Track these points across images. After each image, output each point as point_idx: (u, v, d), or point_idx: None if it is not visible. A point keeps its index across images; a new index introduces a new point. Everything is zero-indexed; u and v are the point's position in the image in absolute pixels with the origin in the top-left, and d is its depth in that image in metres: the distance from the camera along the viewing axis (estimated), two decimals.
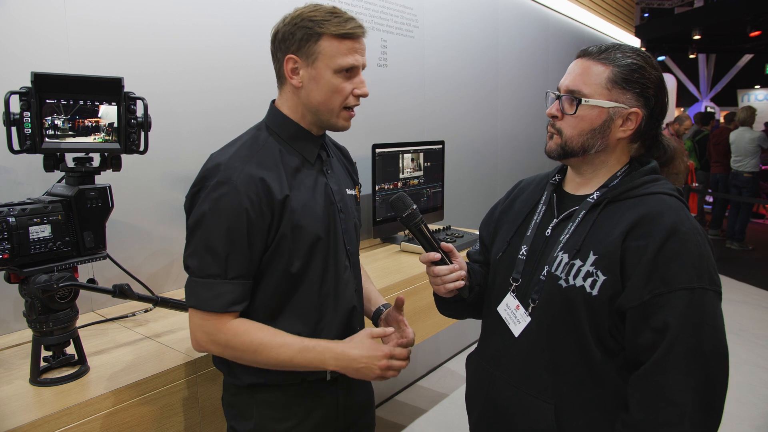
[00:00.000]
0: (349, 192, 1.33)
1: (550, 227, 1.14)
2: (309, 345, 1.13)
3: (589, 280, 1.02)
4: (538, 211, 1.19)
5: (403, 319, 1.30)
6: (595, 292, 1.01)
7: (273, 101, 1.26)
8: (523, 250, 1.16)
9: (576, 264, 1.04)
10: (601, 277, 1.01)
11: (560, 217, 1.14)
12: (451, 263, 1.19)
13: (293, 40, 1.14)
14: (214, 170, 1.11)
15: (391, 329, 1.22)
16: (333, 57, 1.13)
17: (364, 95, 1.19)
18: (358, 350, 1.15)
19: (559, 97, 1.10)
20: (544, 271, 1.10)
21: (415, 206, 1.19)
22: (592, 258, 1.03)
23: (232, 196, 1.08)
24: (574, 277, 1.04)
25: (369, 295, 1.43)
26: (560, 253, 1.08)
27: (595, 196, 1.09)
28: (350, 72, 1.16)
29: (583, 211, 1.09)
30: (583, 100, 1.06)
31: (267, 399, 1.21)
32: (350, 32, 1.13)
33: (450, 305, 1.30)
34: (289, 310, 1.19)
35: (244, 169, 1.11)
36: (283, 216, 1.13)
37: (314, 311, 1.21)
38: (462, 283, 1.18)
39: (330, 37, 1.12)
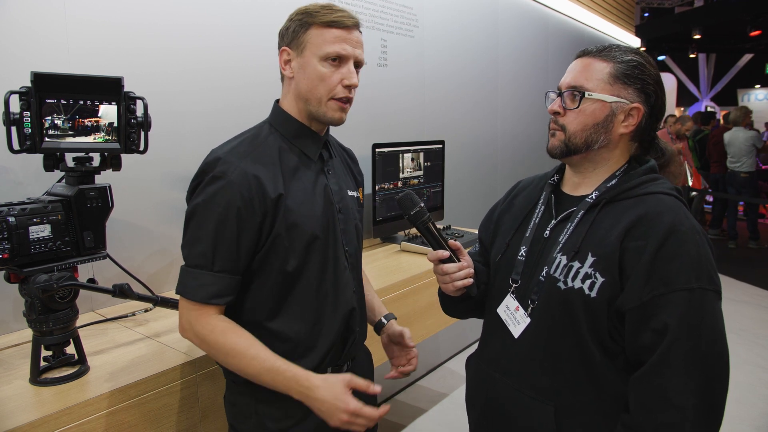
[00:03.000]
0: (350, 193, 1.33)
1: (548, 228, 1.14)
2: (280, 368, 1.10)
3: (588, 282, 1.02)
4: (537, 211, 1.19)
5: (408, 343, 1.34)
6: (593, 294, 1.01)
7: (276, 101, 1.27)
8: (522, 251, 1.16)
9: (574, 266, 1.04)
10: (600, 279, 1.00)
11: (558, 218, 1.13)
12: (459, 261, 1.18)
13: (288, 33, 1.19)
14: (213, 164, 1.13)
15: (376, 388, 1.13)
16: (319, 45, 1.15)
17: (353, 85, 1.18)
18: (324, 393, 1.08)
19: (560, 95, 1.11)
20: (543, 272, 1.09)
21: (422, 204, 1.18)
22: (590, 260, 1.03)
23: (225, 191, 1.10)
24: (573, 279, 1.04)
25: (371, 303, 1.42)
26: (559, 255, 1.08)
27: (593, 196, 1.09)
28: (338, 62, 1.16)
29: (582, 212, 1.09)
30: (586, 93, 1.07)
31: (267, 398, 1.21)
32: (336, 20, 1.15)
33: (456, 304, 1.29)
34: (287, 310, 1.19)
35: (240, 165, 1.12)
36: (277, 215, 1.14)
37: (312, 311, 1.20)
38: (471, 281, 1.18)
39: (318, 26, 1.15)
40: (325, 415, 1.09)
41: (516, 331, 1.13)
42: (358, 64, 1.20)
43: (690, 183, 6.27)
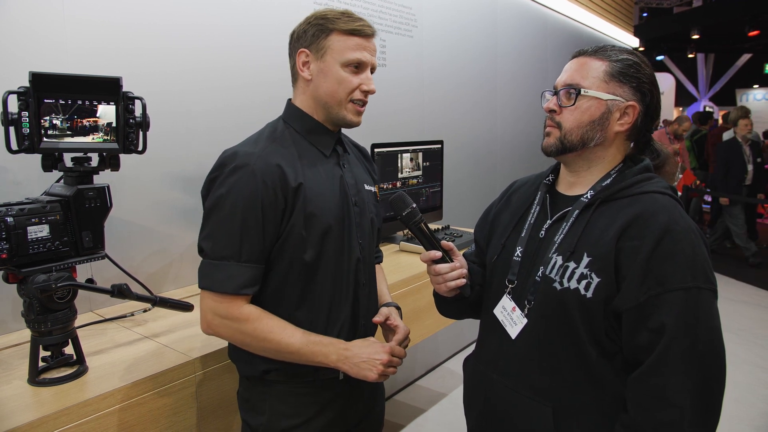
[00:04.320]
0: (367, 188, 1.36)
1: (544, 228, 1.14)
2: (315, 339, 1.17)
3: (584, 282, 1.02)
4: (532, 212, 1.19)
5: (393, 322, 1.33)
6: (589, 294, 1.01)
7: (289, 99, 1.30)
8: (518, 252, 1.16)
9: (570, 266, 1.04)
10: (596, 279, 1.00)
11: (554, 218, 1.13)
12: (452, 261, 1.18)
13: (306, 36, 1.21)
14: (232, 157, 1.16)
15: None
16: (341, 51, 1.19)
17: (371, 91, 1.23)
18: (360, 348, 1.18)
19: (556, 93, 1.11)
20: (539, 273, 1.09)
21: (414, 205, 1.19)
22: (586, 260, 1.02)
23: (249, 180, 1.12)
24: (569, 280, 1.04)
25: (379, 292, 1.45)
26: (554, 255, 1.08)
27: (588, 195, 1.09)
28: (358, 68, 1.21)
29: (576, 212, 1.09)
30: (582, 90, 1.07)
31: (279, 394, 1.23)
32: (358, 29, 1.19)
33: (450, 305, 1.29)
34: (306, 300, 1.21)
35: (261, 156, 1.15)
36: (296, 204, 1.16)
37: (327, 302, 1.23)
38: (463, 281, 1.18)
39: (339, 32, 1.19)
40: (363, 368, 1.16)
41: (513, 331, 1.13)
42: (372, 70, 1.25)
43: (676, 182, 6.22)
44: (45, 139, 1.18)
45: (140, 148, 1.31)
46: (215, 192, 1.15)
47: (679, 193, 1.11)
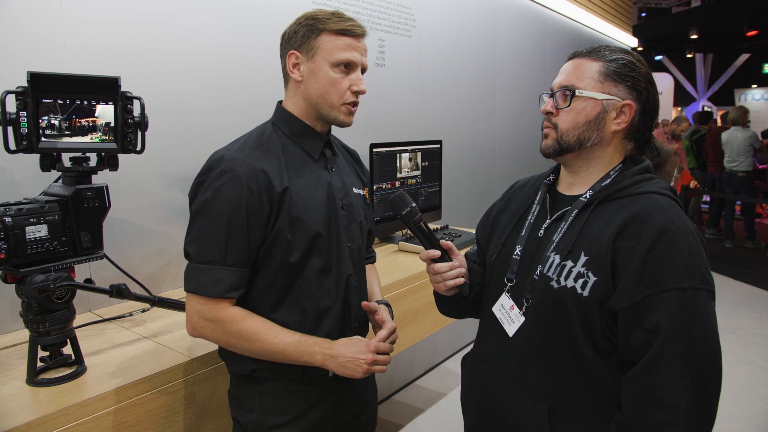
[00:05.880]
0: (356, 191, 1.36)
1: (543, 227, 1.15)
2: (300, 339, 1.17)
3: (580, 281, 1.02)
4: (533, 211, 1.19)
5: (381, 317, 1.31)
6: (585, 293, 1.01)
7: (279, 102, 1.30)
8: (518, 251, 1.16)
9: (567, 265, 1.05)
10: (592, 278, 1.01)
11: (553, 217, 1.14)
12: (451, 260, 1.19)
13: (296, 37, 1.21)
14: (218, 162, 1.16)
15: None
16: (330, 51, 1.19)
17: (361, 92, 1.23)
18: (344, 347, 1.18)
19: (552, 95, 1.12)
20: (537, 272, 1.10)
21: (414, 204, 1.20)
22: (583, 259, 1.03)
23: (234, 185, 1.13)
24: (566, 278, 1.04)
25: (370, 292, 1.45)
26: (552, 254, 1.08)
27: (587, 195, 1.10)
28: (348, 68, 1.21)
29: (575, 211, 1.09)
30: (577, 91, 1.08)
31: (269, 392, 1.23)
32: (347, 28, 1.19)
33: (450, 304, 1.30)
34: (289, 302, 1.21)
35: (246, 160, 1.15)
36: (281, 208, 1.16)
37: (314, 304, 1.23)
38: (462, 280, 1.19)
39: (329, 32, 1.18)
40: (348, 367, 1.16)
41: (511, 329, 1.13)
42: (362, 70, 1.24)
43: (674, 182, 6.20)
44: (43, 139, 1.18)
45: (139, 147, 1.31)
46: (201, 196, 1.15)
47: (678, 193, 1.11)
